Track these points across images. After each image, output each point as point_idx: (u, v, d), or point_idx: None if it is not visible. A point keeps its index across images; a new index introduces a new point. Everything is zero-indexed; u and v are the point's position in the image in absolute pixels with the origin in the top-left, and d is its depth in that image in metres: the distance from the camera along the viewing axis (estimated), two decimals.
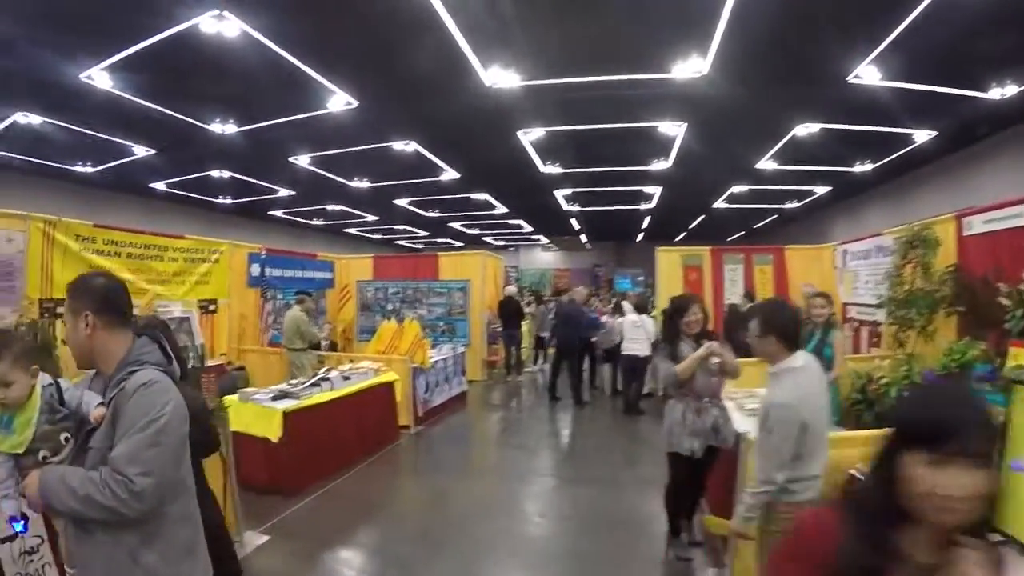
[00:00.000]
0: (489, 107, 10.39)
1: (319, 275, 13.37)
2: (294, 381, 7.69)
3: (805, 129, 11.95)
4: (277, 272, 11.76)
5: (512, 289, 15.67)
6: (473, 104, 10.26)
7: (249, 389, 7.17)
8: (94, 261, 8.77)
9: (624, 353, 10.85)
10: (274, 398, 6.86)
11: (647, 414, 10.51)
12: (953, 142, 12.98)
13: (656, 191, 18.80)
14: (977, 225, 7.02)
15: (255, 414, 6.68)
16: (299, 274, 12.52)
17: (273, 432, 6.48)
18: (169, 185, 17.59)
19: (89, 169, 15.15)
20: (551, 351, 13.58)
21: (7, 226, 7.60)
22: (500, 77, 9.08)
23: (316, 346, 10.38)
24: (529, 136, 12.54)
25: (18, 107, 10.60)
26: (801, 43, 8.11)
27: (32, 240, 7.78)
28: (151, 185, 17.45)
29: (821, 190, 18.54)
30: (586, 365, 12.88)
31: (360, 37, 8.08)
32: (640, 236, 30.28)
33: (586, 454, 8.76)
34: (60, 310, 8.17)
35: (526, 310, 16.04)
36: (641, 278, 30.15)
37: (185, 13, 7.12)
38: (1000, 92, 9.69)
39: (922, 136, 12.46)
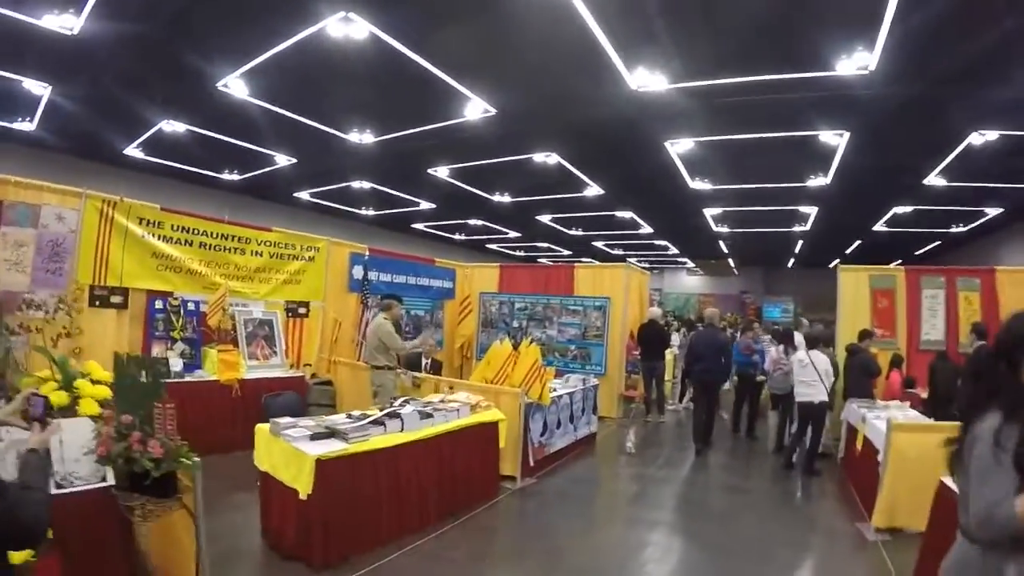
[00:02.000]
0: (634, 114, 9.21)
1: (437, 283, 11.60)
2: (355, 414, 5.60)
3: (981, 137, 9.59)
4: (385, 277, 10.09)
5: (656, 311, 12.19)
6: (617, 110, 9.08)
7: (284, 420, 5.15)
8: (160, 249, 7.41)
9: (798, 400, 8.08)
10: (314, 437, 4.82)
11: (823, 475, 7.90)
12: None
13: (811, 211, 16.33)
14: None
15: (284, 455, 4.75)
16: (411, 280, 10.83)
17: (302, 484, 4.51)
18: (312, 195, 17.18)
19: (235, 177, 14.93)
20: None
21: (59, 202, 6.39)
22: (646, 79, 7.96)
23: (414, 364, 8.45)
24: (677, 147, 10.97)
25: (164, 115, 10.36)
26: (977, 31, 6.41)
27: (87, 219, 6.62)
28: (295, 194, 17.09)
29: (993, 211, 15.18)
30: (745, 410, 10.30)
31: (495, 38, 7.33)
32: (791, 261, 26.96)
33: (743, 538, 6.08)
34: (114, 299, 6.55)
35: (673, 338, 13.00)
36: (790, 306, 26.77)
37: (312, 16, 6.74)
38: None
39: None
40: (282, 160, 12.94)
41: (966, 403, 2.58)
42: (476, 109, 9.20)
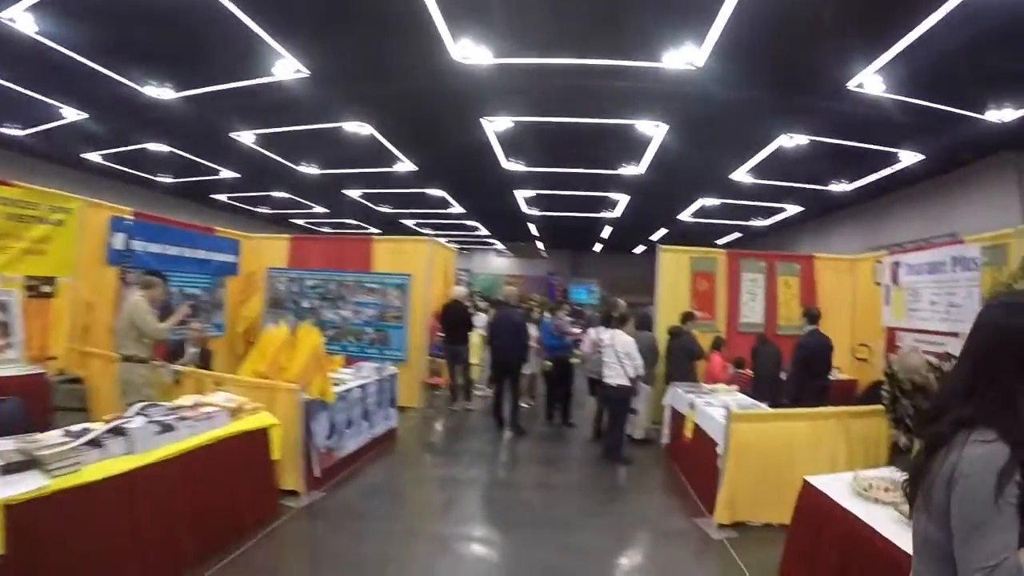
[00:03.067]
0: (455, 87, 8.42)
1: (217, 257, 9.40)
2: (76, 428, 3.74)
3: (791, 140, 9.84)
4: (155, 248, 7.96)
5: (461, 290, 10.47)
6: (438, 82, 8.30)
7: None
8: None
9: (606, 382, 7.18)
10: (7, 469, 3.04)
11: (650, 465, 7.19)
12: (938, 165, 11.12)
13: (623, 198, 15.84)
14: None
15: None
16: (187, 252, 8.65)
17: None
18: (105, 157, 14.06)
19: (17, 132, 11.90)
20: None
21: None
22: (470, 51, 7.30)
23: (176, 354, 6.60)
24: (495, 125, 10.06)
25: None
26: (805, 42, 6.79)
27: None
28: (85, 156, 13.96)
29: (792, 208, 15.90)
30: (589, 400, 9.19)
31: None
32: (598, 246, 27.01)
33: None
34: None
35: (477, 319, 11.63)
36: (595, 288, 27.25)
37: None
38: (998, 116, 8.34)
39: (909, 157, 10.66)
40: (71, 114, 10.33)
41: (948, 419, 1.64)
42: (288, 69, 7.99)
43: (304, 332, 5.89)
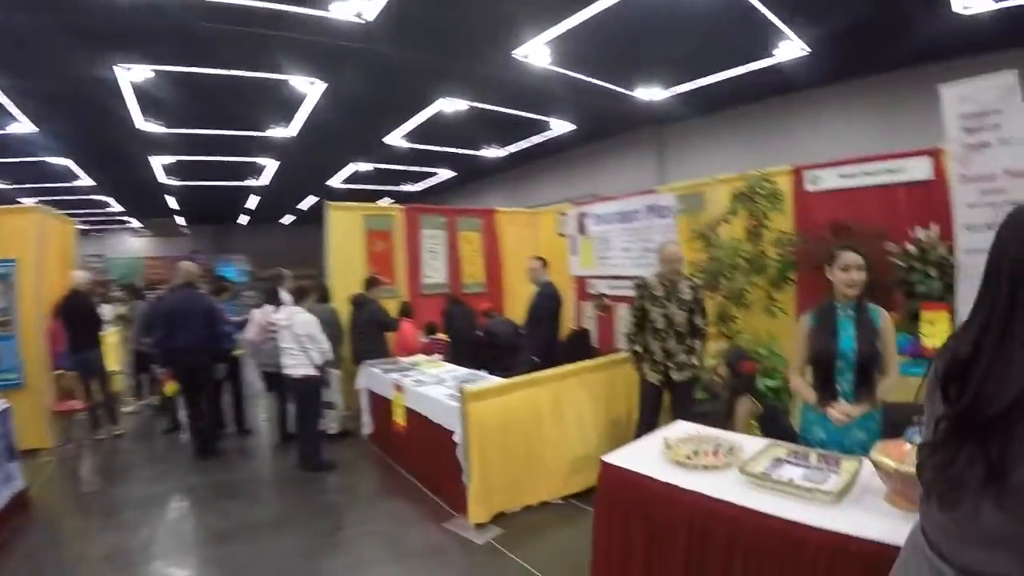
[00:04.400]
0: (81, 22, 5.62)
1: None
2: None
3: (451, 104, 8.88)
4: None
5: (82, 275, 6.32)
6: (61, 13, 5.42)
7: None
8: None
9: (287, 374, 5.02)
10: None
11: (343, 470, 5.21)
12: (587, 135, 10.99)
13: (270, 164, 13.11)
14: (829, 179, 4.90)
15: None
16: None
17: None
18: None
19: None
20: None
21: None
22: None
23: None
24: (132, 74, 7.08)
25: None
26: (480, 5, 5.92)
27: None
28: None
29: (446, 173, 14.96)
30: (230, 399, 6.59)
31: None
32: (243, 218, 22.69)
33: None
34: None
35: (108, 312, 7.92)
36: (245, 265, 22.35)
37: None
38: (647, 94, 8.58)
39: (560, 126, 10.37)
40: None
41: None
42: None
43: None
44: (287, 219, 23.34)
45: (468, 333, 6.49)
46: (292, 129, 9.69)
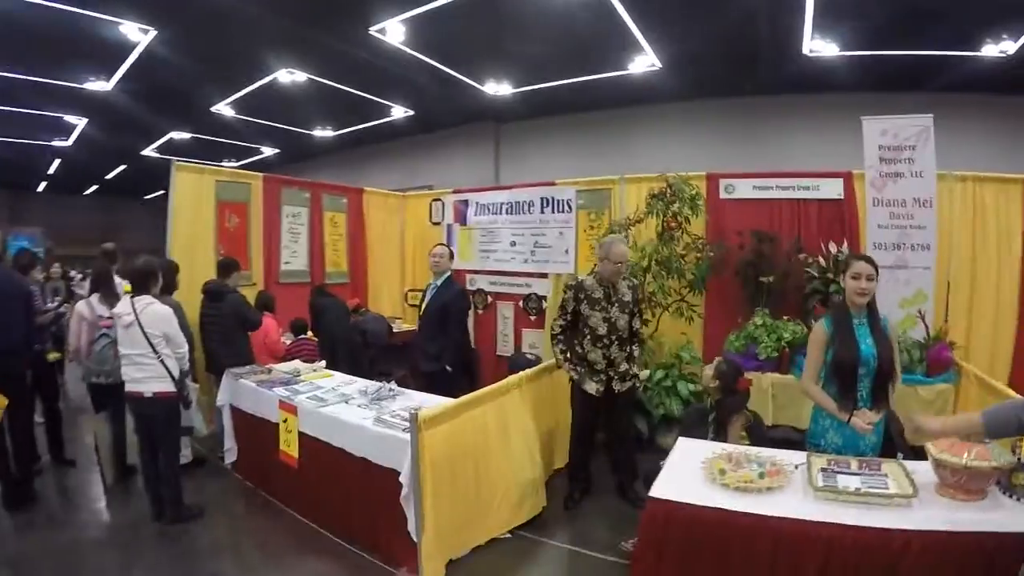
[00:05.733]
0: None
1: None
2: None
3: (291, 76, 7.89)
4: None
5: None
6: None
7: None
8: None
9: (132, 391, 3.49)
10: None
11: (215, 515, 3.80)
12: (424, 124, 10.48)
13: (81, 122, 10.46)
14: (744, 189, 5.11)
15: None
16: None
17: None
18: None
19: None
20: None
21: None
22: None
23: None
24: None
25: None
26: None
27: None
28: None
29: (269, 150, 13.27)
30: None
31: None
32: (42, 185, 18.66)
33: None
34: None
35: None
36: (42, 241, 17.07)
37: None
38: (494, 89, 8.33)
39: (400, 111, 9.80)
40: None
41: None
42: None
43: None
44: (91, 189, 19.31)
45: (344, 332, 5.27)
46: (112, 82, 7.76)
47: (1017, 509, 2.04)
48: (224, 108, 9.45)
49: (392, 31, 6.26)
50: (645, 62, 7.13)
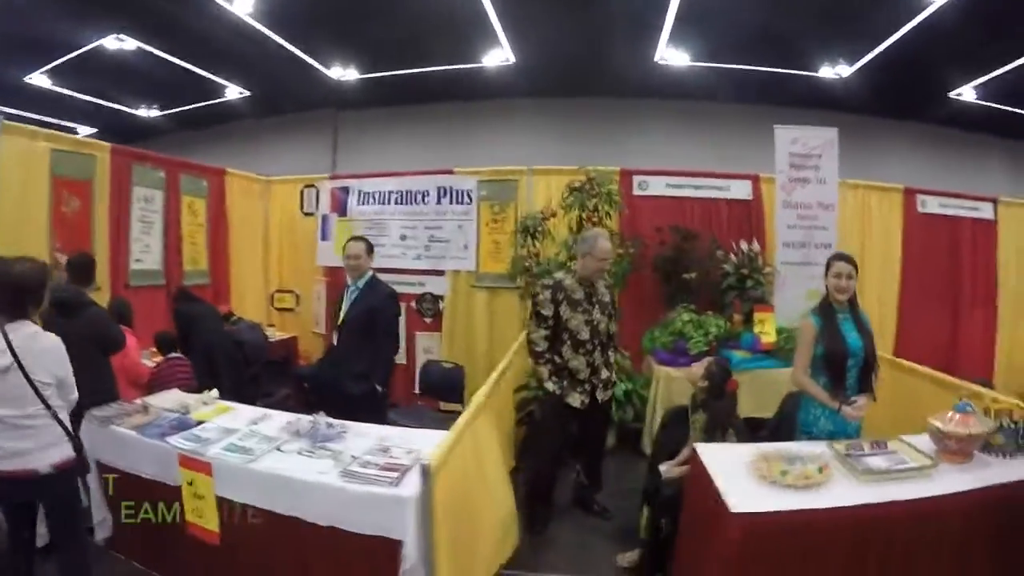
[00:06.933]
0: None
1: None
2: None
3: (120, 43, 6.77)
4: None
5: None
6: None
7: None
8: None
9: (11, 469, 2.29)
10: None
11: None
12: (261, 107, 9.54)
13: None
14: (657, 186, 5.33)
15: None
16: None
17: None
18: None
19: None
20: None
21: None
22: None
23: None
24: None
25: None
26: None
27: None
28: None
29: (85, 129, 10.79)
30: None
31: None
32: None
33: None
34: None
35: None
36: None
37: None
38: (340, 74, 7.85)
39: (235, 92, 8.88)
40: None
41: None
42: None
43: None
44: None
45: (224, 347, 4.15)
46: None
47: (1005, 464, 2.42)
48: (40, 78, 7.76)
49: (240, 1, 5.54)
50: (500, 56, 7.03)
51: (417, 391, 5.15)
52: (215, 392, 3.43)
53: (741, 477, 2.33)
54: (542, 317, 3.44)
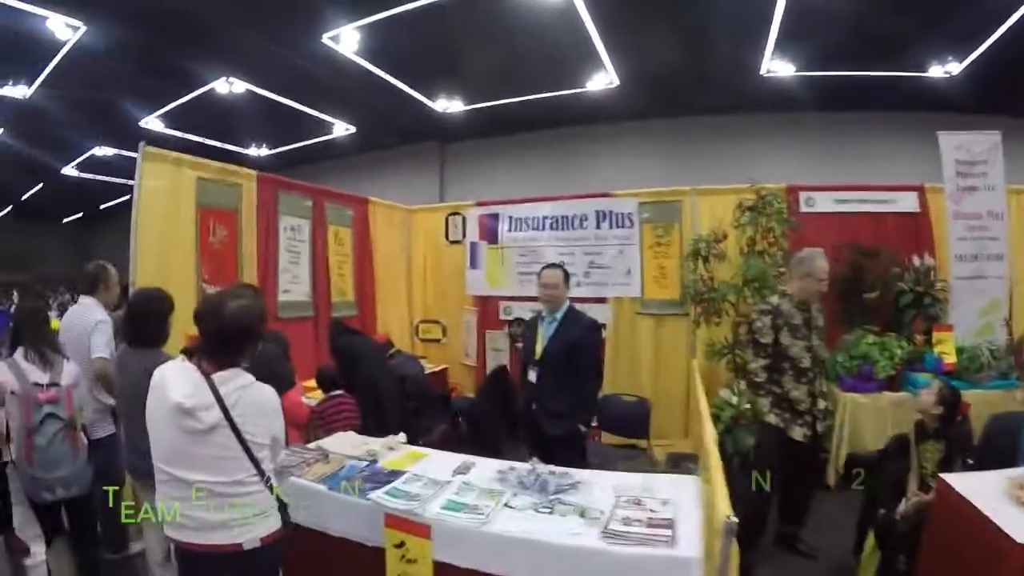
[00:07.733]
0: None
1: None
2: None
3: (228, 85, 6.97)
4: None
5: None
6: None
7: None
8: None
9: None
10: None
11: None
12: (367, 142, 9.74)
13: None
14: (824, 202, 4.95)
15: None
16: None
17: None
18: None
19: None
20: None
21: None
22: None
23: None
24: None
25: None
26: None
27: None
28: None
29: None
30: None
31: None
32: None
33: None
34: None
35: None
36: None
37: None
38: (444, 106, 7.85)
39: (341, 128, 9.08)
40: None
41: None
42: None
43: None
44: (5, 211, 16.51)
45: (389, 383, 3.87)
46: (32, 85, 6.57)
47: None
48: (154, 121, 8.13)
49: (346, 39, 5.65)
50: (604, 79, 6.84)
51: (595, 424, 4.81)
52: (402, 436, 3.08)
53: (1005, 506, 2.11)
54: (760, 345, 3.13)
